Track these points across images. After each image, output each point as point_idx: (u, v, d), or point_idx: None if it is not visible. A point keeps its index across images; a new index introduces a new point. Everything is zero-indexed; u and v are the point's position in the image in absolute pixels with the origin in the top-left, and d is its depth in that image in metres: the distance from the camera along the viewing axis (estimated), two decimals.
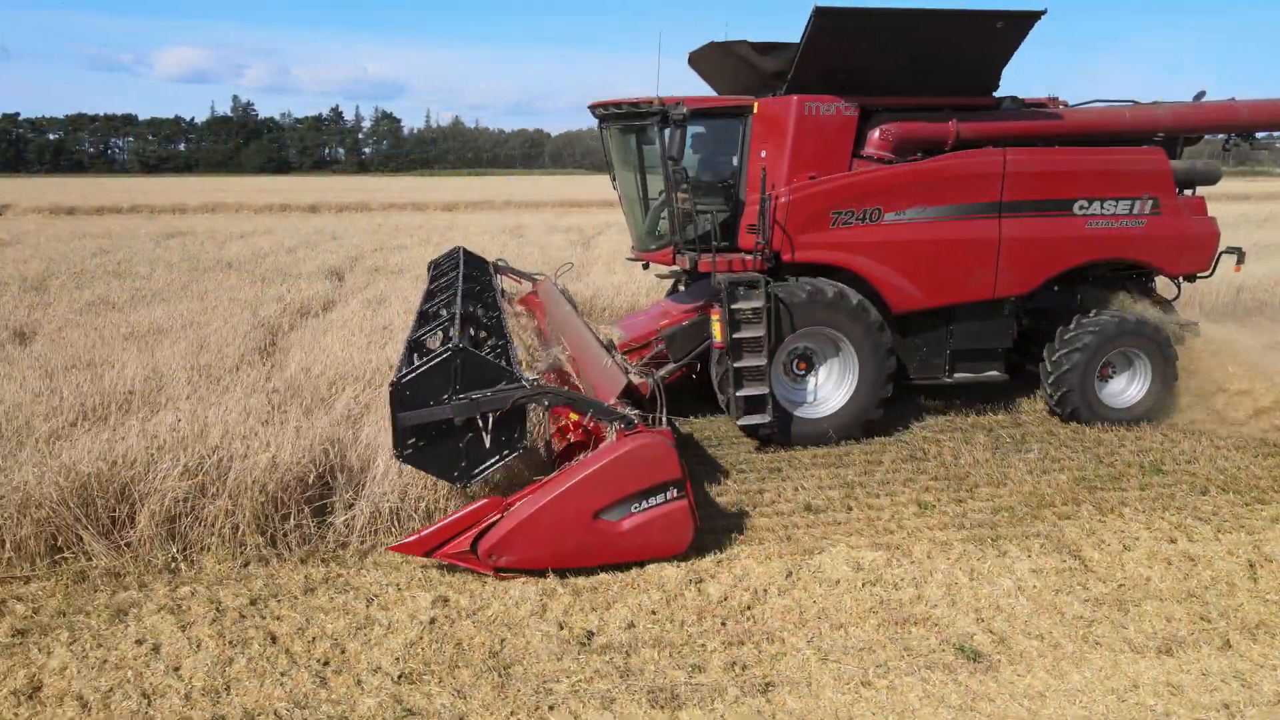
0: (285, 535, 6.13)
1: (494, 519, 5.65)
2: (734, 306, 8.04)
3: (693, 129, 8.65)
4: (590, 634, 5.13)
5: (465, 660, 4.88)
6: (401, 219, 31.62)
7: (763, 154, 8.63)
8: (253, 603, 5.46)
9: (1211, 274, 9.60)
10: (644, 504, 5.73)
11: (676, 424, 8.71)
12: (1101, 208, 8.91)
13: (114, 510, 6.08)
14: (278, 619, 5.28)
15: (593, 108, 9.69)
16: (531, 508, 5.62)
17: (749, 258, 8.51)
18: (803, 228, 8.43)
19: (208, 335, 10.45)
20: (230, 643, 5.01)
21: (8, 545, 5.85)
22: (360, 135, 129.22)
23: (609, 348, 8.47)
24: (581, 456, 6.00)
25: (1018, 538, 6.38)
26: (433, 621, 5.25)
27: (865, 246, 8.55)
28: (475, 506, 5.70)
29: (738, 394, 8.02)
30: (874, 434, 8.71)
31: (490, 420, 5.82)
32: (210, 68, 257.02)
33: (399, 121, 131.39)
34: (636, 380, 7.44)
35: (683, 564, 5.90)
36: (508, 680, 4.69)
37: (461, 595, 5.54)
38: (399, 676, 4.72)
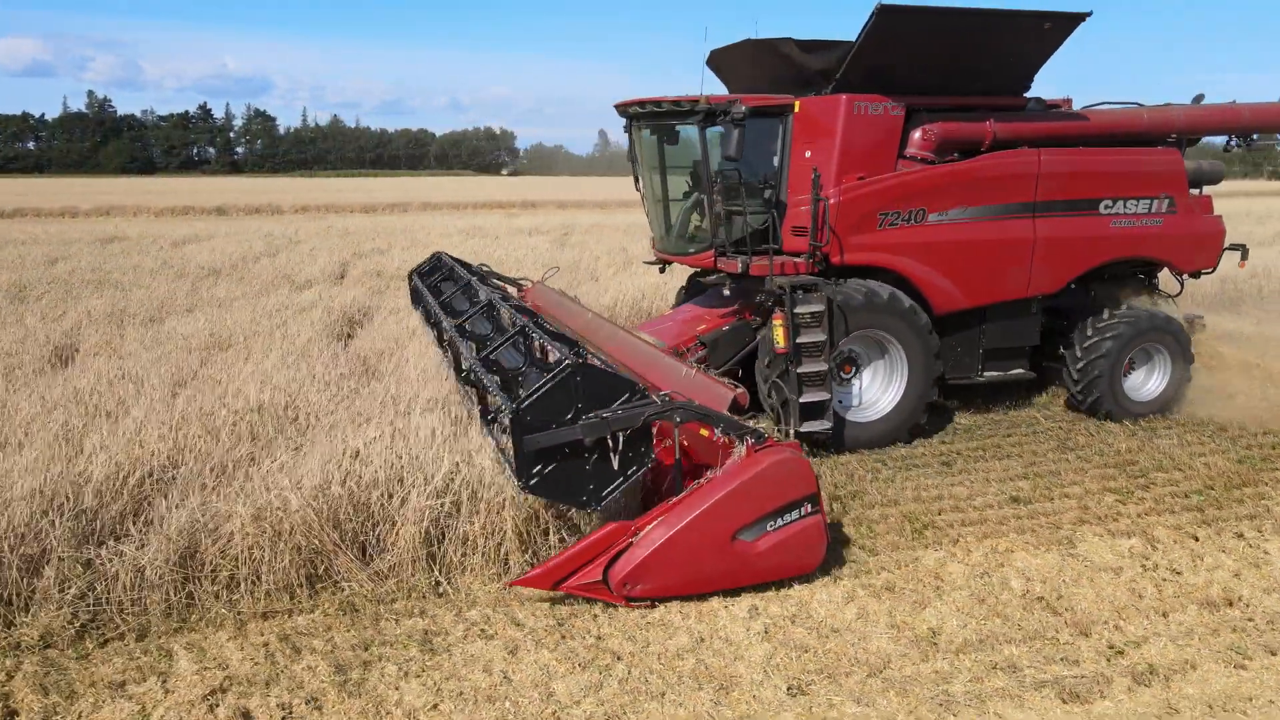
0: (549, 549, 5.83)
1: (623, 546, 5.33)
2: (796, 310, 7.84)
3: (714, 131, 8.43)
4: (934, 631, 5.12)
5: (834, 667, 4.78)
6: (351, 222, 30.33)
7: (806, 154, 8.52)
8: (560, 623, 5.17)
9: (1215, 270, 10.04)
10: (779, 521, 5.47)
11: None
12: (1124, 207, 9.20)
13: (364, 533, 5.65)
14: (597, 637, 5.03)
15: (621, 106, 9.44)
16: (668, 531, 5.28)
17: (799, 260, 8.38)
18: (853, 229, 8.35)
19: (285, 347, 9.77)
20: (579, 664, 4.74)
21: (264, 577, 5.34)
22: (232, 134, 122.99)
23: (676, 355, 8.12)
24: (710, 474, 5.57)
25: (1236, 518, 6.72)
26: (766, 631, 5.11)
27: (910, 247, 8.54)
28: (603, 533, 5.35)
29: (800, 400, 7.81)
30: (916, 436, 8.68)
31: (620, 439, 5.40)
32: (48, 60, 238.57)
33: (274, 120, 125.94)
34: (738, 391, 6.86)
35: (958, 558, 5.96)
36: (891, 684, 4.62)
37: (771, 603, 5.40)
38: (788, 689, 4.58)
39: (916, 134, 8.65)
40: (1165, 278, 10.20)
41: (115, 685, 4.45)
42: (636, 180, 10.00)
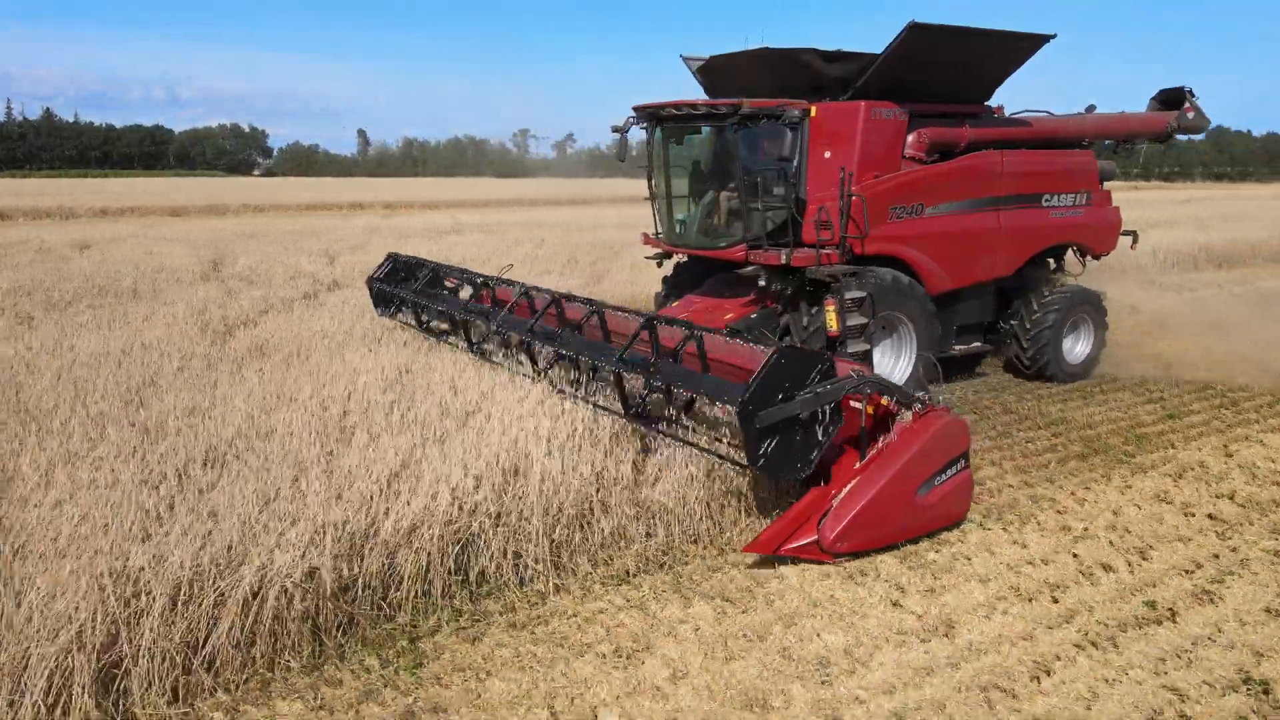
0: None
1: (826, 509, 5.88)
2: (847, 296, 8.76)
3: (746, 132, 9.16)
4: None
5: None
6: (276, 223, 27.84)
7: (827, 154, 9.36)
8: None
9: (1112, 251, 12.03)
10: (944, 476, 6.24)
11: None
12: (1059, 200, 10.92)
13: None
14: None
15: (643, 109, 9.95)
16: (870, 491, 5.86)
17: (827, 251, 9.16)
18: (872, 223, 9.32)
19: (330, 347, 9.35)
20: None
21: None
22: None
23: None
24: (885, 439, 6.14)
25: None
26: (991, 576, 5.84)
27: (912, 238, 9.68)
28: (809, 499, 5.98)
29: None
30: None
31: (826, 410, 5.89)
32: None
33: None
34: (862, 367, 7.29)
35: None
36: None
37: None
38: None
39: (911, 137, 9.74)
40: (1069, 260, 12.06)
41: None
42: (650, 179, 10.40)
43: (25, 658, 3.85)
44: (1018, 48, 9.74)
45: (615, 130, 10.26)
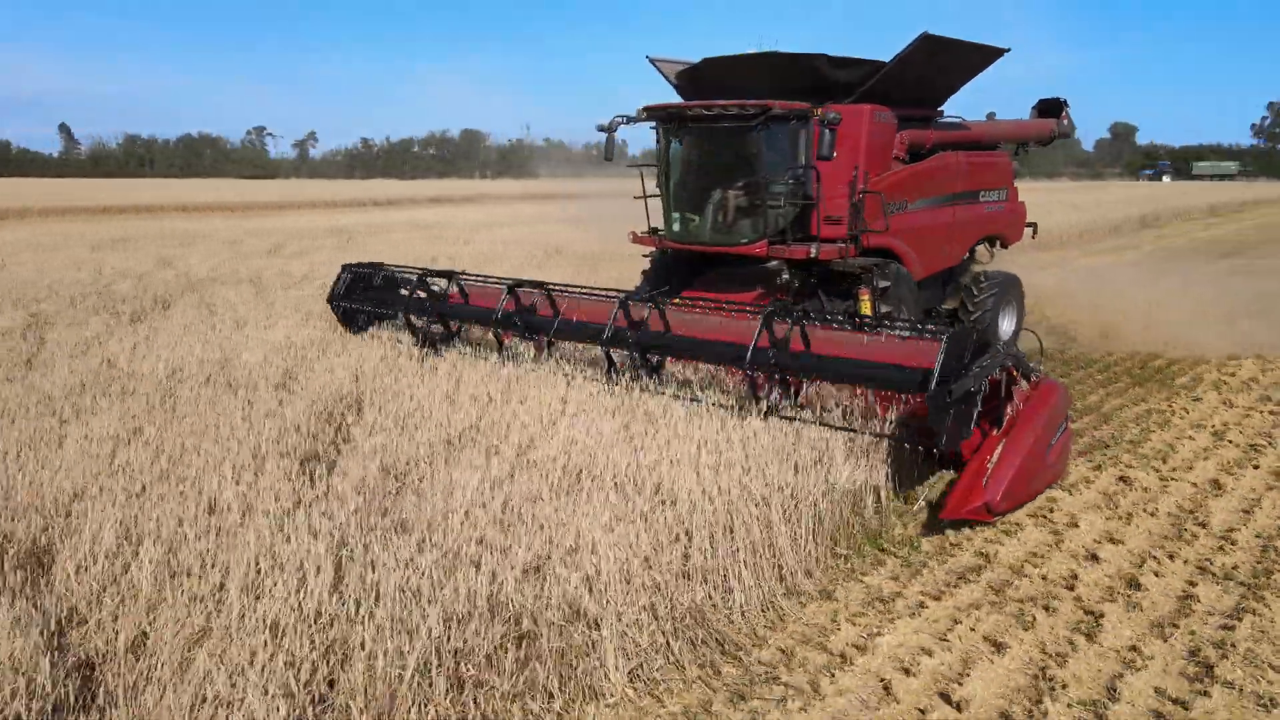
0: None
1: (985, 473, 6.21)
2: (879, 285, 9.43)
3: (769, 133, 9.44)
4: None
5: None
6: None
7: (834, 154, 9.95)
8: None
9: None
10: (1057, 436, 6.81)
11: None
12: (989, 196, 12.22)
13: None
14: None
15: (655, 109, 10.07)
16: (1020, 455, 6.18)
17: (842, 245, 9.59)
18: (875, 217, 10.02)
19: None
20: None
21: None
22: None
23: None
24: (1015, 406, 6.59)
25: None
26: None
27: (901, 231, 10.44)
28: (974, 466, 6.30)
29: None
30: None
31: (984, 385, 6.33)
32: None
33: None
34: None
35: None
36: None
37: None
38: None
39: (896, 138, 10.45)
40: (980, 249, 13.45)
41: None
42: (659, 178, 10.41)
43: None
44: (980, 59, 10.72)
45: (601, 129, 10.24)
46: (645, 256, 11.49)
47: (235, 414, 6.51)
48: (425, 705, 3.53)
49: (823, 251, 9.46)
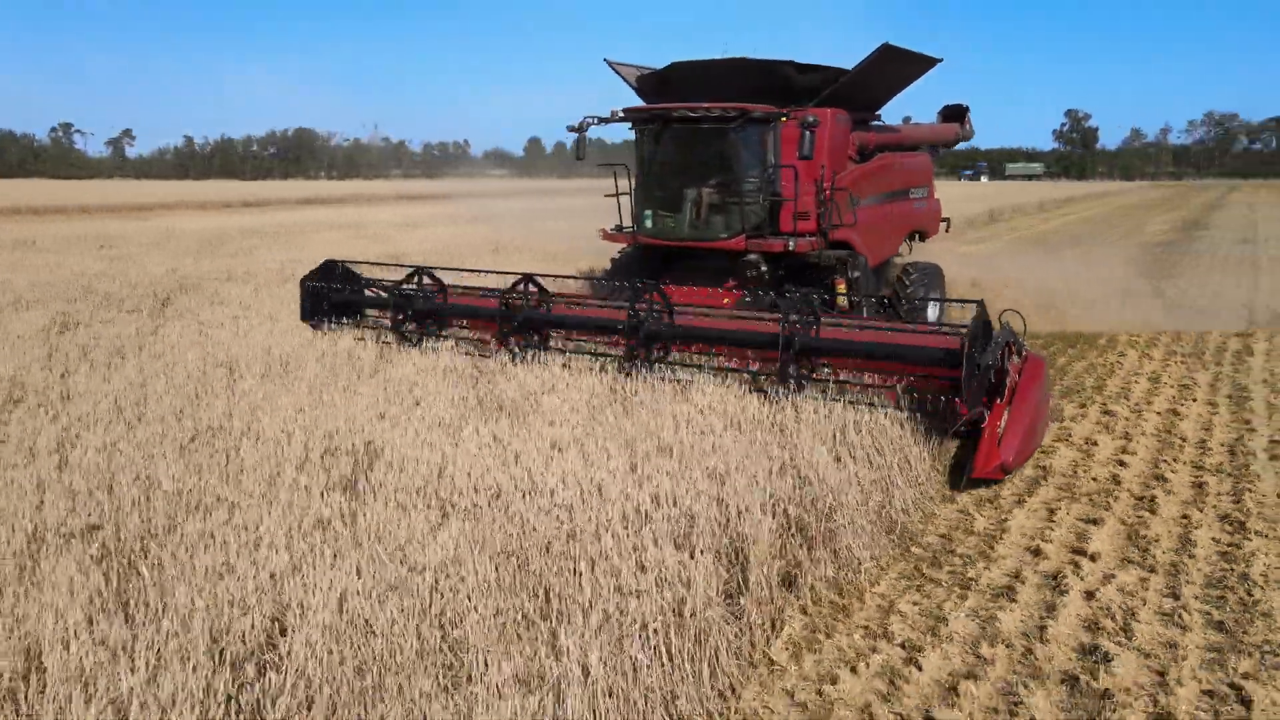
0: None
1: (997, 435, 6.89)
2: (852, 275, 10.86)
3: (746, 134, 10.56)
4: None
5: None
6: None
7: (814, 154, 11.72)
8: None
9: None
10: (1045, 403, 8.12)
11: None
12: (916, 194, 13.97)
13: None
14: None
15: (635, 111, 11.01)
16: (1026, 419, 7.01)
17: (811, 239, 10.84)
18: (839, 213, 11.28)
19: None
20: None
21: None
22: None
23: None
24: (1013, 378, 7.62)
25: None
26: None
27: (858, 226, 11.71)
28: (989, 429, 6.89)
29: None
30: None
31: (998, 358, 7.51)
32: None
33: None
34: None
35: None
36: None
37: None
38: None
39: (849, 140, 11.96)
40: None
41: None
42: (636, 177, 11.25)
43: None
44: (918, 69, 12.36)
45: (571, 130, 11.05)
46: (616, 255, 12.22)
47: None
48: None
49: (798, 245, 10.71)
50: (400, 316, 9.81)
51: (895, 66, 11.82)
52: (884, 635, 4.50)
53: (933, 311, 13.71)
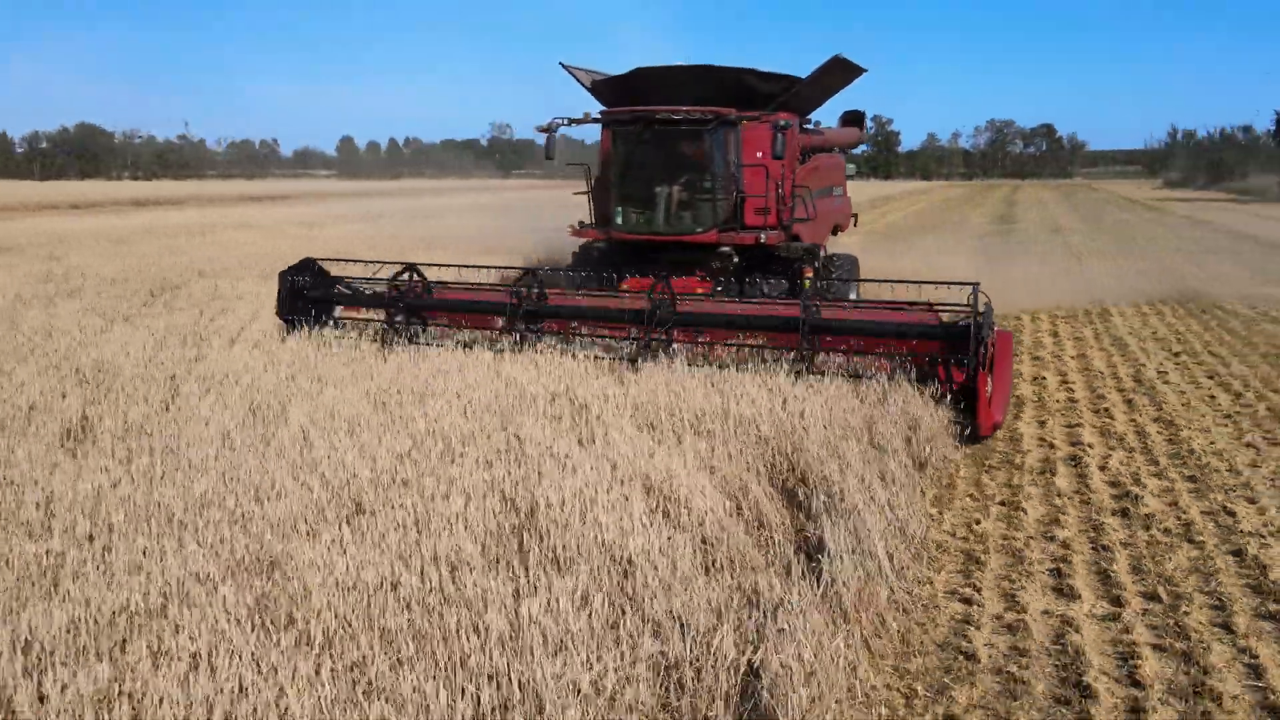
0: None
1: (988, 398, 7.80)
2: (818, 264, 12.76)
3: (718, 135, 11.93)
4: None
5: None
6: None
7: (759, 154, 12.77)
8: None
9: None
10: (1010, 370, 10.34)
11: None
12: (836, 192, 15.92)
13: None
14: None
15: (611, 113, 12.24)
16: (1007, 384, 8.45)
17: (774, 233, 12.24)
18: (801, 208, 13.03)
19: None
20: None
21: None
22: None
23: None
24: (992, 350, 8.04)
25: None
26: None
27: (807, 220, 13.97)
28: (984, 393, 7.78)
29: None
30: None
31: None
32: None
33: None
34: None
35: None
36: None
37: None
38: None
39: (798, 142, 13.94)
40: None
41: None
42: (612, 175, 12.29)
43: None
44: (845, 79, 14.36)
45: (540, 130, 12.15)
46: (576, 250, 13.04)
47: None
48: None
49: (769, 237, 12.17)
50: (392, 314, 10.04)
51: (836, 76, 13.62)
52: (985, 498, 6.40)
53: (853, 295, 15.75)
